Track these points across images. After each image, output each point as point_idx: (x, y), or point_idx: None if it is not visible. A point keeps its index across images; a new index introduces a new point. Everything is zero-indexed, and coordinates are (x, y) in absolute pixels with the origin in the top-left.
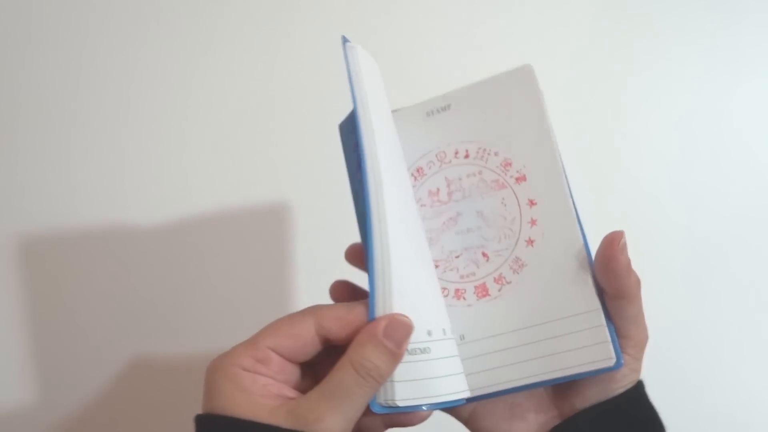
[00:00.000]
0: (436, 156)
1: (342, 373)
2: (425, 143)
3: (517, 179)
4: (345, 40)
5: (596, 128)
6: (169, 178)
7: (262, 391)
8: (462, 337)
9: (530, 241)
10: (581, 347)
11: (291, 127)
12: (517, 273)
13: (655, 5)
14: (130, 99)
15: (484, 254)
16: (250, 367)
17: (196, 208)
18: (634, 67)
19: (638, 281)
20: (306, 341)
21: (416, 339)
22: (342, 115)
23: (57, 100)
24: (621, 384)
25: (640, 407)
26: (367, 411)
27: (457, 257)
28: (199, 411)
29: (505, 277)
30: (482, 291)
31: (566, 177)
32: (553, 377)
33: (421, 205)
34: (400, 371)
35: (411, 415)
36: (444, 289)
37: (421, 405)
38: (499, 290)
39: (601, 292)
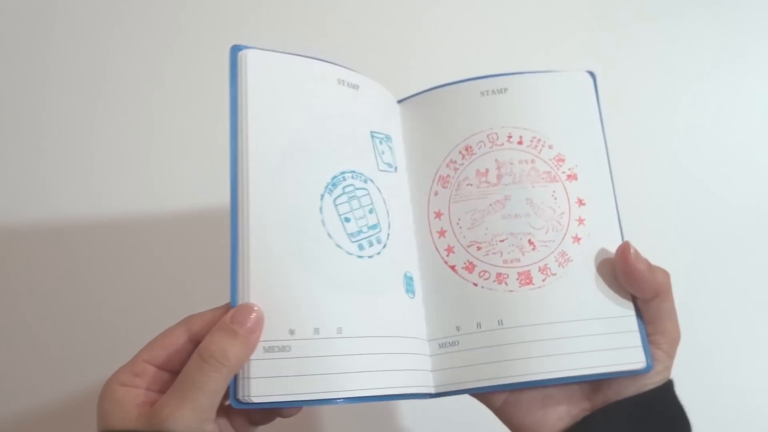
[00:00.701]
0: (488, 137)
1: (189, 363)
2: (476, 122)
3: (569, 176)
4: (237, 49)
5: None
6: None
7: (134, 401)
8: (500, 323)
9: (577, 239)
10: (613, 348)
11: None
12: (563, 267)
13: (655, 5)
14: (128, 95)
15: (530, 242)
16: (127, 382)
17: (199, 204)
18: (634, 67)
19: (666, 276)
20: (177, 349)
21: (275, 337)
22: None
23: (37, 97)
24: (653, 380)
25: (670, 405)
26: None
27: (501, 241)
28: None
29: (550, 269)
30: (526, 278)
31: (613, 184)
32: (584, 374)
33: (467, 185)
34: (257, 368)
35: (279, 408)
36: (484, 272)
37: (279, 402)
38: (543, 280)
39: (635, 298)
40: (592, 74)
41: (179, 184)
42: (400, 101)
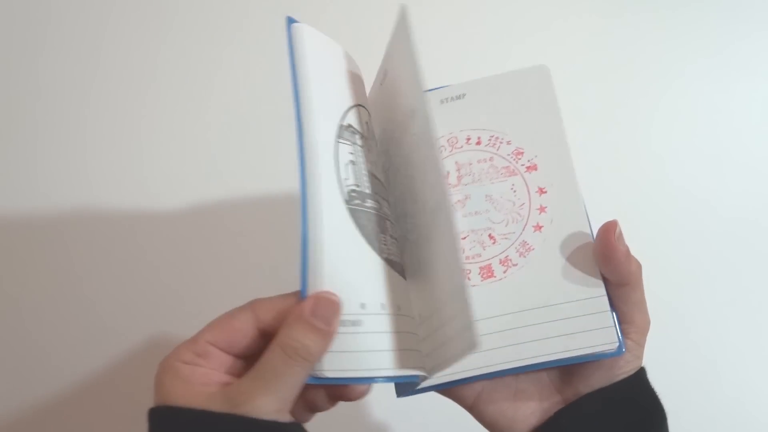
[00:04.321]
0: (447, 141)
1: (270, 355)
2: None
3: (528, 168)
4: (291, 21)
5: (595, 127)
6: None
7: (202, 380)
8: None
9: (538, 227)
10: (585, 331)
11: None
12: (524, 256)
13: (656, 6)
14: (148, 93)
15: (490, 236)
16: (190, 361)
17: (218, 195)
18: (635, 66)
19: (639, 266)
20: (244, 334)
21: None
22: None
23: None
24: (624, 370)
25: (643, 393)
26: (311, 388)
27: (463, 239)
28: None
29: (511, 260)
30: (487, 272)
31: (575, 170)
32: (555, 359)
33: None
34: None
35: (348, 388)
36: None
37: (353, 378)
38: (504, 272)
39: (605, 280)
40: (546, 67)
41: (173, 178)
42: None
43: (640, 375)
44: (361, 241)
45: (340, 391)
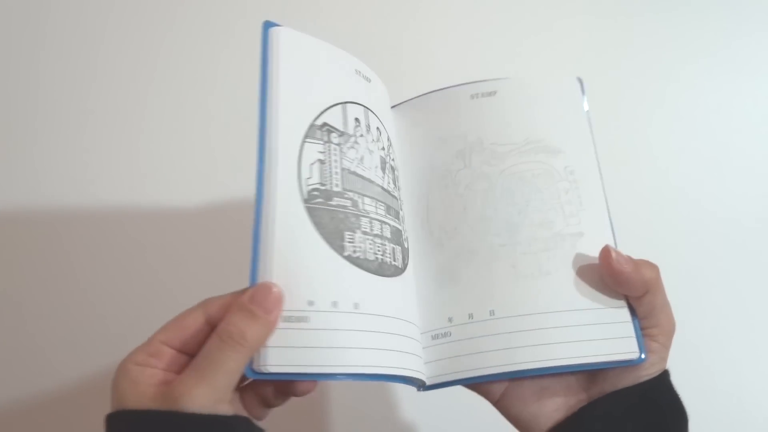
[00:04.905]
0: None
1: (208, 343)
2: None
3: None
4: (268, 25)
5: (595, 127)
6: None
7: (150, 380)
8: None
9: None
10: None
11: None
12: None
13: (656, 6)
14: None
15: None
16: (142, 362)
17: (218, 194)
18: (634, 66)
19: (654, 270)
20: (195, 330)
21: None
22: None
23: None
24: (649, 372)
25: (665, 395)
26: (260, 384)
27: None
28: None
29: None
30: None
31: (603, 184)
32: (576, 363)
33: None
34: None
35: (294, 383)
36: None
37: (296, 374)
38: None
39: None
40: (579, 80)
41: (172, 177)
42: (393, 107)
43: (664, 377)
44: (317, 239)
45: (287, 386)
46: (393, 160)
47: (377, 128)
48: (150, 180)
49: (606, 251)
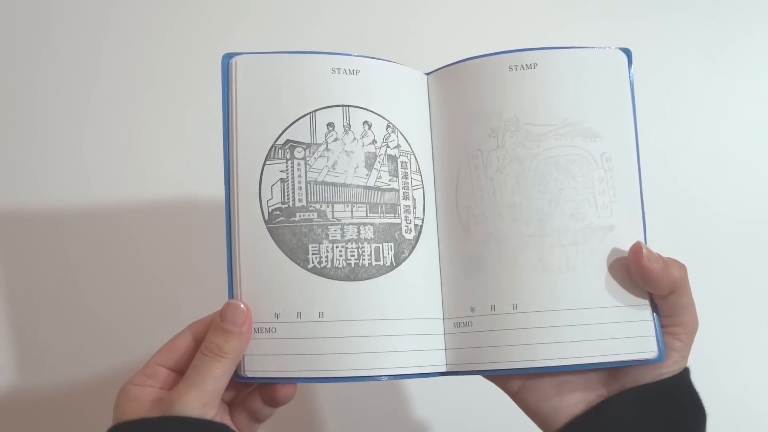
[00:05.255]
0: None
1: (195, 359)
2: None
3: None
4: (227, 57)
5: None
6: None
7: (148, 397)
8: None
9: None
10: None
11: None
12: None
13: (656, 6)
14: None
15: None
16: (140, 383)
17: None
18: (635, 66)
19: (682, 269)
20: (185, 350)
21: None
22: None
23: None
24: (670, 369)
25: (685, 392)
26: (247, 397)
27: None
28: None
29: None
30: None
31: (640, 174)
32: (596, 362)
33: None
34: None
35: (273, 390)
36: None
37: (269, 378)
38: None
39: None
40: (627, 52)
41: (169, 176)
42: (428, 73)
43: (684, 375)
44: (280, 256)
45: (269, 393)
46: (395, 147)
47: (364, 122)
48: (148, 180)
49: (637, 248)
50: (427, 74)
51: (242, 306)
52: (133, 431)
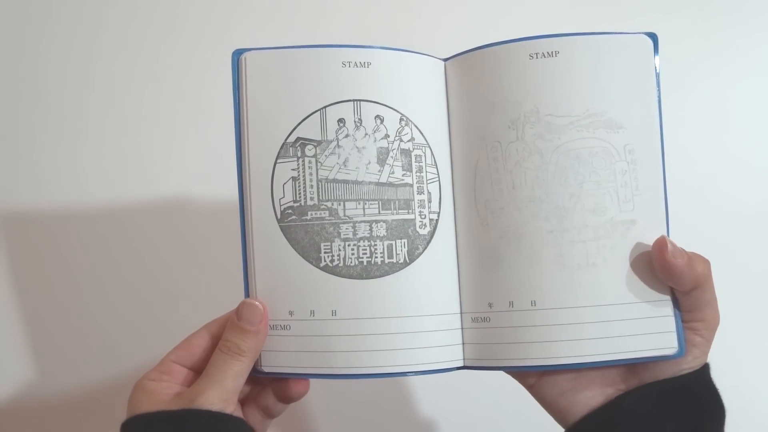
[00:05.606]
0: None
1: (213, 357)
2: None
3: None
4: (237, 53)
5: None
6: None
7: (165, 392)
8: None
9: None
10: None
11: None
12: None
13: (660, 5)
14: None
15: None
16: (156, 378)
17: (216, 193)
18: None
19: (706, 265)
20: (202, 348)
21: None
22: None
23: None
24: (690, 365)
25: (705, 388)
26: (261, 394)
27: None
28: None
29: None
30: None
31: (664, 167)
32: (614, 359)
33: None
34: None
35: (287, 385)
36: None
37: (285, 373)
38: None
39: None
40: (653, 38)
41: (174, 174)
42: (446, 60)
43: (704, 371)
44: (293, 255)
45: (283, 389)
46: (409, 140)
47: (376, 117)
48: (152, 178)
49: (662, 242)
50: (445, 60)
51: (258, 305)
52: (153, 422)
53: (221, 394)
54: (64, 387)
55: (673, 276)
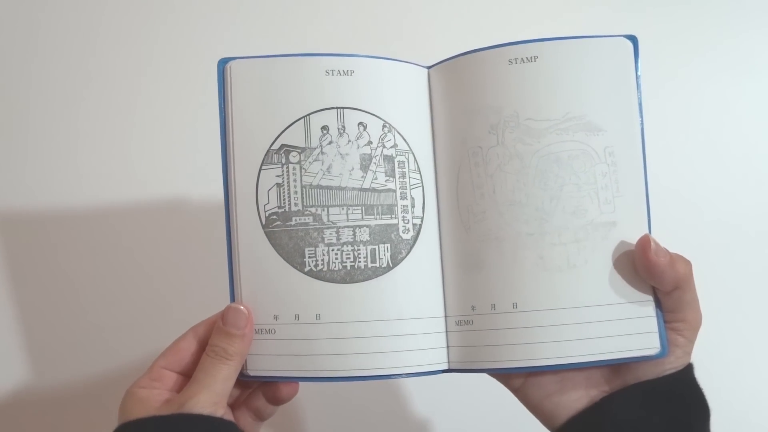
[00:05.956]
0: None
1: (201, 361)
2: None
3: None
4: (223, 62)
5: None
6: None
7: (156, 398)
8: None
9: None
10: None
11: None
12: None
13: (657, 5)
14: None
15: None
16: (146, 385)
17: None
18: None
19: (687, 266)
20: (190, 352)
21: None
22: None
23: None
24: (673, 365)
25: (689, 388)
26: (252, 396)
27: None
28: None
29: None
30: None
31: (645, 167)
32: (597, 360)
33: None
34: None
35: (276, 388)
36: None
37: (270, 376)
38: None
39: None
40: (633, 40)
41: (164, 177)
42: (429, 67)
43: (687, 371)
44: (278, 260)
45: (272, 391)
46: (392, 147)
47: (359, 124)
48: (143, 181)
49: (645, 240)
50: (429, 68)
51: (243, 309)
52: (144, 428)
53: (211, 398)
54: (59, 386)
55: (654, 275)
